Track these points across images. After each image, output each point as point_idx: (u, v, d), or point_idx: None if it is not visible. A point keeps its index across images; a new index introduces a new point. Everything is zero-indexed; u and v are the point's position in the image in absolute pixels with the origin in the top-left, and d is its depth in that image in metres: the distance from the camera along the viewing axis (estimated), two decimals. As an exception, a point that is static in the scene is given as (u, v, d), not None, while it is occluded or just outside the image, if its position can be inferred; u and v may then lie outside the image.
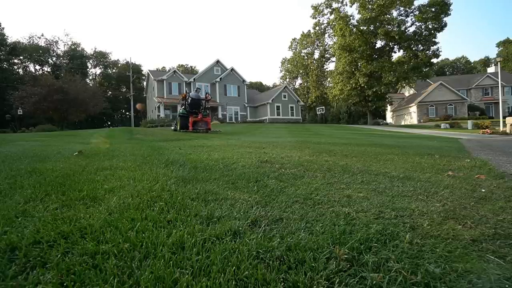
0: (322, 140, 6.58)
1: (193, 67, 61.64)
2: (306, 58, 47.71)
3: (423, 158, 3.25)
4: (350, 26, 29.21)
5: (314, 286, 0.75)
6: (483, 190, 1.79)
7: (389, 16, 28.86)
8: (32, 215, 1.23)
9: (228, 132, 11.57)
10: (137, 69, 52.04)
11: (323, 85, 46.53)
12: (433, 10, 26.84)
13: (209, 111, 11.84)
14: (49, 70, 47.92)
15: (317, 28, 37.09)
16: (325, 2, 32.29)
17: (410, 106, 37.84)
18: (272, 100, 33.62)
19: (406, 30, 28.75)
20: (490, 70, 42.58)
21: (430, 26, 27.66)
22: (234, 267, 0.82)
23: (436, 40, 27.84)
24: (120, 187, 1.71)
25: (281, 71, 54.68)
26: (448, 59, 65.37)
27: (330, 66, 44.30)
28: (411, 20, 28.72)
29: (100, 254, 0.88)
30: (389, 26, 28.21)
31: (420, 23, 28.09)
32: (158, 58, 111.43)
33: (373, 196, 1.64)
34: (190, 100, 10.96)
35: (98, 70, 56.98)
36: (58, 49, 50.92)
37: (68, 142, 6.38)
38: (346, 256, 0.89)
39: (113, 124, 49.72)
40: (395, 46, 30.01)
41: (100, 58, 55.69)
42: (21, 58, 46.50)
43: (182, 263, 0.85)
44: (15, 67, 46.49)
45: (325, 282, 0.76)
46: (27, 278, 0.77)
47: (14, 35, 75.10)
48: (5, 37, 42.53)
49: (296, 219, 1.23)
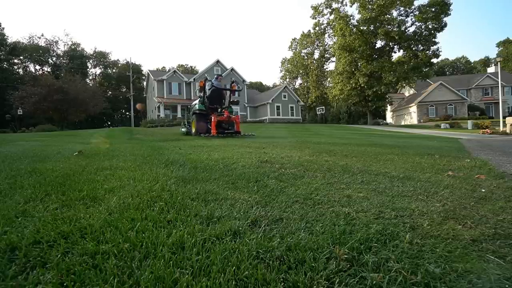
0: (322, 140, 6.58)
1: (193, 67, 61.63)
2: (306, 58, 47.70)
3: (423, 158, 3.25)
4: (350, 26, 29.20)
5: (314, 286, 0.75)
6: (483, 190, 1.79)
7: (389, 16, 28.86)
8: (32, 215, 1.23)
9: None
10: (137, 69, 52.04)
11: (323, 85, 46.53)
12: (433, 10, 26.84)
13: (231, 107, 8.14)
14: (49, 70, 47.92)
15: (317, 28, 37.07)
16: (325, 2, 32.28)
17: (410, 106, 37.84)
18: (272, 100, 33.62)
19: (406, 30, 28.75)
20: (490, 70, 42.58)
21: (430, 26, 27.67)
22: (234, 267, 0.82)
23: (436, 40, 27.86)
24: (120, 187, 1.71)
25: (281, 71, 54.66)
26: (448, 59, 65.36)
27: (330, 66, 44.30)
28: (411, 20, 28.73)
29: (100, 254, 0.88)
30: (389, 26, 28.20)
31: (420, 23, 28.09)
32: (158, 58, 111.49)
33: (373, 196, 1.64)
34: (210, 91, 7.60)
35: (98, 70, 57.01)
36: (58, 49, 50.94)
37: (68, 142, 6.38)
38: (346, 256, 0.89)
39: (113, 124, 49.71)
40: (395, 46, 30.01)
41: (100, 58, 55.69)
42: (21, 58, 46.50)
43: (182, 263, 0.84)
44: (15, 67, 46.49)
45: (325, 282, 0.76)
46: (27, 278, 0.77)
47: (14, 35, 75.16)
48: (5, 37, 42.52)
49: (296, 219, 1.23)
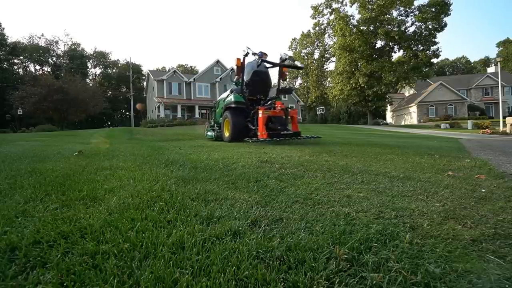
0: (322, 140, 6.58)
1: (193, 67, 61.66)
2: (306, 58, 47.69)
3: (423, 158, 3.25)
4: (350, 26, 29.21)
5: (314, 286, 0.75)
6: (483, 190, 1.79)
7: (389, 16, 28.86)
8: (32, 215, 1.23)
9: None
10: (137, 69, 52.05)
11: (323, 85, 46.55)
12: (433, 10, 26.85)
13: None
14: (49, 70, 47.94)
15: (317, 28, 37.11)
16: (325, 2, 32.30)
17: (410, 106, 37.83)
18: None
19: (406, 30, 28.76)
20: (490, 70, 42.58)
21: (430, 26, 27.68)
22: (234, 267, 0.82)
23: (436, 40, 27.88)
24: (120, 187, 1.71)
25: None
26: (448, 59, 65.37)
27: (330, 66, 44.31)
28: (411, 20, 28.74)
29: (100, 254, 0.88)
30: (389, 26, 28.21)
31: (420, 23, 28.11)
32: (158, 58, 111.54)
33: (373, 196, 1.64)
34: (252, 73, 5.31)
35: (98, 70, 57.05)
36: (58, 49, 50.97)
37: (68, 142, 6.38)
38: (346, 256, 0.89)
39: (113, 124, 49.72)
40: (395, 46, 30.02)
41: (100, 58, 55.73)
42: (21, 58, 46.50)
43: (182, 263, 0.84)
44: (15, 67, 46.51)
45: (325, 282, 0.76)
46: (27, 278, 0.77)
47: (14, 35, 75.20)
48: (5, 37, 42.52)
49: (296, 219, 1.23)
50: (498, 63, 22.85)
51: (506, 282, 0.78)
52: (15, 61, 45.81)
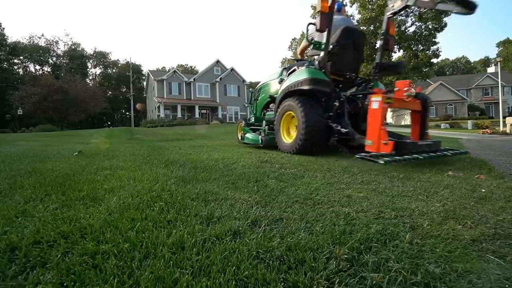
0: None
1: (193, 67, 61.66)
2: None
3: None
4: (350, 26, 29.17)
5: (314, 286, 0.75)
6: (483, 190, 1.79)
7: (389, 16, 28.82)
8: (32, 215, 1.23)
9: (228, 132, 11.57)
10: (137, 69, 52.07)
11: (323, 85, 46.43)
12: (433, 10, 26.83)
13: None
14: (49, 70, 47.95)
15: (317, 28, 37.05)
16: (325, 2, 32.25)
17: (410, 106, 37.70)
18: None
19: (406, 30, 28.75)
20: (490, 70, 42.57)
21: (430, 26, 27.67)
22: (234, 267, 0.82)
23: (436, 40, 27.85)
24: (120, 187, 1.71)
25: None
26: (448, 59, 65.35)
27: (330, 66, 44.13)
28: (411, 20, 28.72)
29: (100, 254, 0.88)
30: (389, 26, 28.16)
31: (420, 23, 28.09)
32: (158, 58, 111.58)
33: (373, 196, 1.64)
34: (339, 33, 3.18)
35: (98, 70, 57.08)
36: (58, 49, 50.97)
37: (68, 142, 6.38)
38: (346, 256, 0.89)
39: (113, 124, 49.74)
40: (395, 46, 30.00)
41: (100, 58, 55.74)
42: (21, 58, 46.51)
43: (182, 263, 0.84)
44: (15, 67, 46.52)
45: (325, 282, 0.76)
46: (27, 278, 0.77)
47: (14, 35, 75.23)
48: (5, 37, 42.54)
49: (296, 219, 1.23)
50: (498, 63, 22.87)
51: (506, 282, 0.78)
52: (15, 61, 45.82)
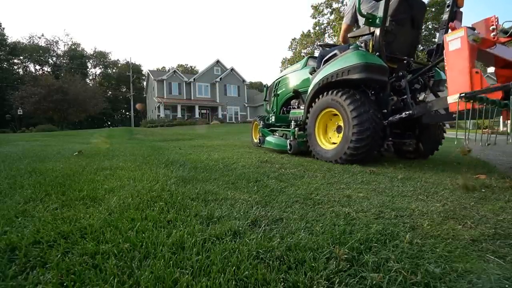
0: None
1: (193, 67, 61.66)
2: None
3: (423, 158, 3.24)
4: (350, 26, 29.19)
5: (314, 286, 0.75)
6: (483, 190, 1.79)
7: (389, 16, 28.85)
8: (32, 215, 1.23)
9: (228, 132, 11.56)
10: (137, 69, 52.08)
11: (323, 85, 46.47)
12: (433, 10, 26.84)
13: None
14: (49, 70, 47.94)
15: (317, 28, 37.11)
16: (325, 2, 32.32)
17: (410, 106, 37.74)
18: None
19: (406, 30, 28.74)
20: (490, 70, 42.55)
21: (430, 26, 27.67)
22: (234, 267, 0.82)
23: (436, 40, 27.86)
24: (120, 187, 1.71)
25: (281, 71, 54.66)
26: (448, 59, 65.26)
27: (330, 66, 44.17)
28: (411, 20, 28.71)
29: (100, 254, 0.88)
30: (389, 26, 28.19)
31: (420, 23, 28.10)
32: (158, 58, 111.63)
33: (373, 196, 1.64)
34: (396, 4, 2.49)
35: (98, 70, 57.07)
36: (58, 49, 50.97)
37: (68, 142, 6.38)
38: (346, 256, 0.89)
39: (113, 124, 49.76)
40: (395, 46, 30.00)
41: (100, 58, 55.74)
42: (21, 58, 46.51)
43: (182, 263, 0.84)
44: (15, 67, 46.51)
45: (325, 282, 0.76)
46: (27, 278, 0.77)
47: (14, 35, 75.27)
48: (5, 37, 42.54)
49: (296, 219, 1.23)
50: (498, 63, 22.84)
51: (506, 282, 0.78)
52: (15, 61, 45.80)
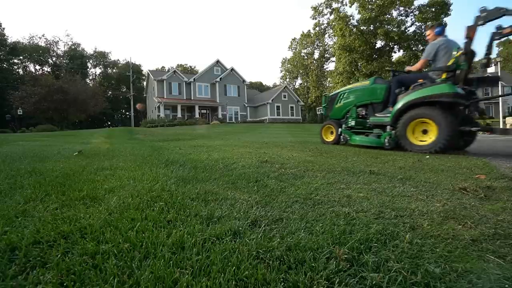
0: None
1: (193, 67, 61.69)
2: (306, 58, 47.76)
3: (423, 158, 3.25)
4: (350, 26, 29.22)
5: (314, 286, 0.75)
6: (483, 190, 1.79)
7: (389, 16, 28.87)
8: (32, 215, 1.23)
9: (228, 132, 11.56)
10: (137, 69, 52.10)
11: (323, 85, 46.54)
12: (433, 10, 26.85)
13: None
14: (49, 70, 47.94)
15: (317, 28, 37.13)
16: (325, 2, 32.34)
17: (410, 106, 37.69)
18: (272, 100, 33.62)
19: (406, 30, 28.76)
20: (490, 70, 42.50)
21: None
22: (234, 267, 0.82)
23: (436, 40, 27.82)
24: (120, 187, 1.71)
25: (281, 71, 54.78)
26: (448, 59, 65.22)
27: (330, 66, 44.34)
28: (411, 20, 28.74)
29: (100, 254, 0.88)
30: (389, 26, 28.21)
31: (420, 23, 28.10)
32: (158, 58, 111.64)
33: (373, 196, 1.64)
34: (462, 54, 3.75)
35: (98, 70, 57.11)
36: (58, 49, 50.99)
37: (68, 142, 6.38)
38: (346, 256, 0.89)
39: (113, 124, 49.76)
40: (395, 46, 30.02)
41: (100, 58, 55.77)
42: (21, 58, 46.52)
43: (182, 263, 0.84)
44: (15, 67, 46.50)
45: (325, 282, 0.76)
46: (27, 278, 0.77)
47: (14, 35, 75.26)
48: (5, 37, 42.54)
49: (296, 219, 1.23)
50: (498, 63, 22.86)
51: (506, 282, 0.78)
52: (15, 61, 45.81)
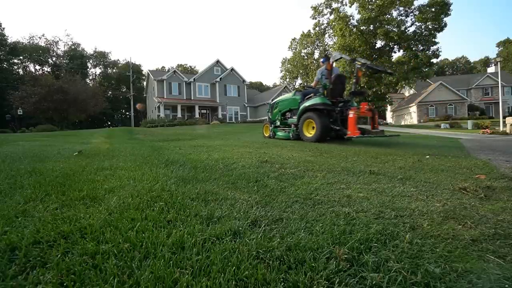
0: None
1: (193, 67, 61.67)
2: (306, 58, 47.74)
3: (423, 158, 3.24)
4: (350, 26, 29.21)
5: (314, 286, 0.75)
6: (483, 190, 1.79)
7: (389, 16, 28.86)
8: (32, 215, 1.23)
9: (228, 132, 11.55)
10: (137, 69, 52.08)
11: (323, 85, 46.46)
12: (433, 10, 26.81)
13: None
14: (49, 70, 47.92)
15: (317, 28, 37.07)
16: (324, 2, 32.31)
17: (410, 106, 37.83)
18: (272, 100, 33.58)
19: (406, 30, 28.74)
20: (490, 70, 42.54)
21: (430, 26, 27.65)
22: (234, 267, 0.82)
23: (436, 40, 27.83)
24: (120, 187, 1.71)
25: (281, 71, 54.76)
26: (448, 59, 65.36)
27: (330, 66, 44.15)
28: (411, 20, 28.71)
29: (100, 254, 0.88)
30: (389, 26, 28.19)
31: (420, 23, 28.08)
32: (158, 58, 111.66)
33: (373, 196, 1.64)
34: (334, 78, 5.72)
35: (98, 70, 57.08)
36: (58, 49, 50.96)
37: (68, 142, 6.38)
38: (346, 256, 0.89)
39: (113, 124, 49.75)
40: (395, 46, 30.00)
41: (100, 58, 55.75)
42: (21, 58, 46.49)
43: (182, 263, 0.84)
44: (15, 67, 46.47)
45: (325, 282, 0.76)
46: (27, 278, 0.77)
47: (14, 35, 75.27)
48: (5, 37, 42.52)
49: (296, 219, 1.23)
50: (498, 63, 22.87)
51: (506, 282, 0.78)
52: (15, 61, 45.78)
